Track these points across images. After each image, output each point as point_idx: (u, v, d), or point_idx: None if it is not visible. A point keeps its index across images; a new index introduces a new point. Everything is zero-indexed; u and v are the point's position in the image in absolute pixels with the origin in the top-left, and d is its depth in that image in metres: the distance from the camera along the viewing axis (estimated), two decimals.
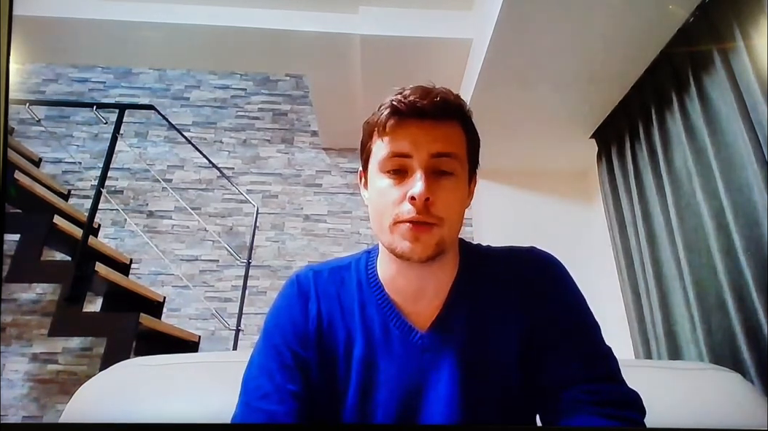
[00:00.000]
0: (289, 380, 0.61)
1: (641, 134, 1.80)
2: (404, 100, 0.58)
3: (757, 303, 1.23)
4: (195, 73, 3.13)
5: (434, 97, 0.58)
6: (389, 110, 0.59)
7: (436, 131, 0.59)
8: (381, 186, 0.60)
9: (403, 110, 0.58)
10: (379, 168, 0.60)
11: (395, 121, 0.59)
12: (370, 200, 0.63)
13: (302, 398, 0.61)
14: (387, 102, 0.60)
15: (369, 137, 0.63)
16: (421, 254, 0.57)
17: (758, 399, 0.94)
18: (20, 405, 2.23)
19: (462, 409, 0.59)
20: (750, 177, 1.26)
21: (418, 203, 0.56)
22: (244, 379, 0.65)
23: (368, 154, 0.63)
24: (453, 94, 0.61)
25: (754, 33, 1.29)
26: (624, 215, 1.94)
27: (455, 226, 0.60)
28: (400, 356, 0.62)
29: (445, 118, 0.59)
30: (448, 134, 0.60)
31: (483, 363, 0.61)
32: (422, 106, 0.58)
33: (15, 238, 1.97)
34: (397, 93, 0.60)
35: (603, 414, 0.55)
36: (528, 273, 0.65)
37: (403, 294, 0.64)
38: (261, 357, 0.65)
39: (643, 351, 1.74)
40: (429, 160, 0.58)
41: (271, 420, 0.59)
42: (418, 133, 0.58)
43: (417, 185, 0.56)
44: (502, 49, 1.75)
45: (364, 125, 0.63)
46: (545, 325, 0.62)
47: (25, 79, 2.99)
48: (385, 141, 0.60)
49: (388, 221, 0.58)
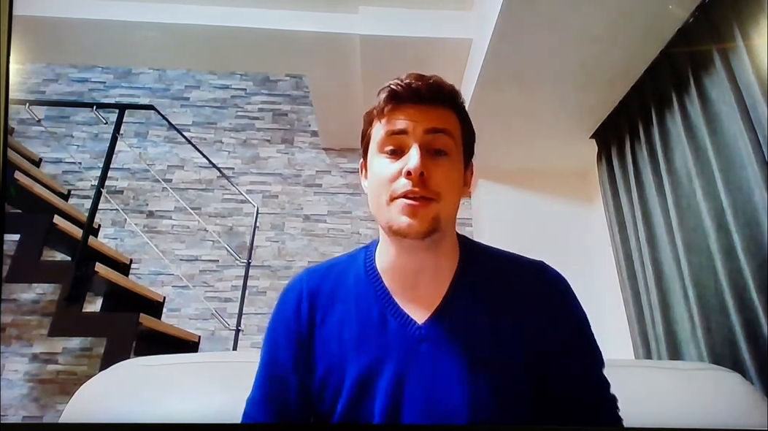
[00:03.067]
0: (278, 390, 0.65)
1: (641, 134, 1.80)
2: (401, 83, 0.62)
3: (757, 303, 1.23)
4: (195, 73, 3.14)
5: (428, 81, 0.62)
6: (387, 93, 0.62)
7: (430, 111, 0.62)
8: (379, 165, 0.62)
9: (400, 91, 0.61)
10: (377, 149, 0.63)
11: (393, 104, 0.62)
12: (369, 182, 0.65)
13: (291, 404, 0.65)
14: (385, 87, 0.63)
15: (369, 125, 0.66)
16: (419, 228, 0.58)
17: (758, 399, 0.94)
18: (20, 405, 2.23)
19: (458, 399, 0.59)
20: (750, 177, 1.26)
21: (414, 176, 0.58)
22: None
23: (368, 140, 0.66)
24: (447, 83, 0.64)
25: (754, 33, 1.29)
26: (624, 215, 1.94)
27: (451, 205, 0.62)
28: (397, 346, 0.62)
29: (439, 102, 0.63)
30: (442, 115, 0.62)
31: (481, 356, 0.61)
32: (417, 87, 0.61)
33: (15, 238, 1.97)
34: (394, 79, 0.63)
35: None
36: (539, 284, 0.66)
37: (402, 281, 0.65)
38: (260, 363, 0.69)
39: (643, 351, 1.74)
40: (424, 136, 0.60)
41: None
42: (413, 113, 0.61)
43: (412, 159, 0.58)
44: (502, 49, 1.75)
45: (365, 115, 0.66)
46: (552, 340, 0.63)
47: (25, 79, 2.99)
48: (382, 123, 0.63)
49: (385, 197, 0.60)
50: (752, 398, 0.93)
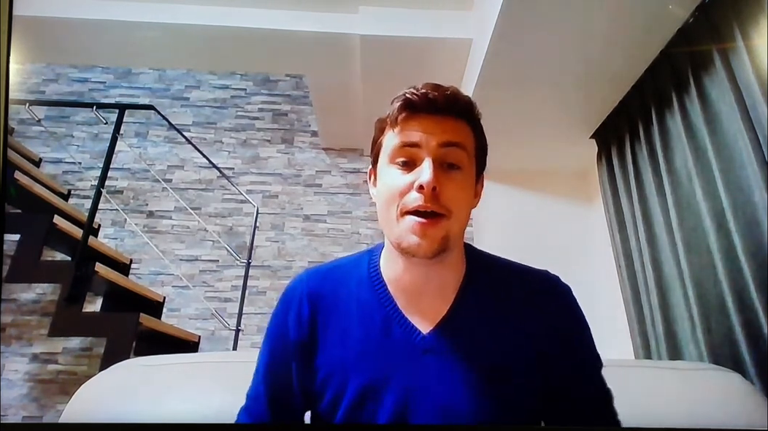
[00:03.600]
0: (274, 388, 0.66)
1: (641, 134, 1.80)
2: (416, 92, 0.60)
3: (757, 303, 1.23)
4: (195, 73, 3.13)
5: (445, 91, 0.60)
6: (401, 102, 0.60)
7: (445, 123, 0.60)
8: (390, 176, 0.60)
9: (416, 101, 0.60)
10: (388, 160, 0.61)
11: (407, 113, 0.60)
12: (378, 192, 0.63)
13: (288, 405, 0.65)
14: (400, 95, 0.61)
15: (381, 133, 0.64)
16: (428, 249, 0.57)
17: (758, 399, 0.94)
18: (20, 405, 2.23)
19: (463, 410, 0.59)
20: (750, 177, 1.26)
21: (426, 191, 0.56)
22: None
23: (378, 148, 0.64)
24: (463, 94, 0.62)
25: (754, 33, 1.29)
26: (624, 215, 1.94)
27: (461, 222, 0.60)
28: (401, 355, 0.61)
29: (454, 114, 0.61)
30: (456, 128, 0.61)
31: (485, 368, 0.61)
32: (434, 98, 0.60)
33: (15, 238, 1.97)
34: (409, 87, 0.61)
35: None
36: (542, 293, 0.66)
37: (407, 293, 0.64)
38: (258, 363, 0.69)
39: (643, 351, 1.74)
40: (437, 149, 0.59)
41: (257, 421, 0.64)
42: (428, 124, 0.60)
43: (425, 173, 0.57)
44: (502, 49, 1.75)
45: (376, 122, 0.65)
46: (553, 343, 0.63)
47: (25, 79, 2.99)
48: (395, 132, 0.61)
49: (395, 211, 0.59)
50: (752, 398, 0.93)
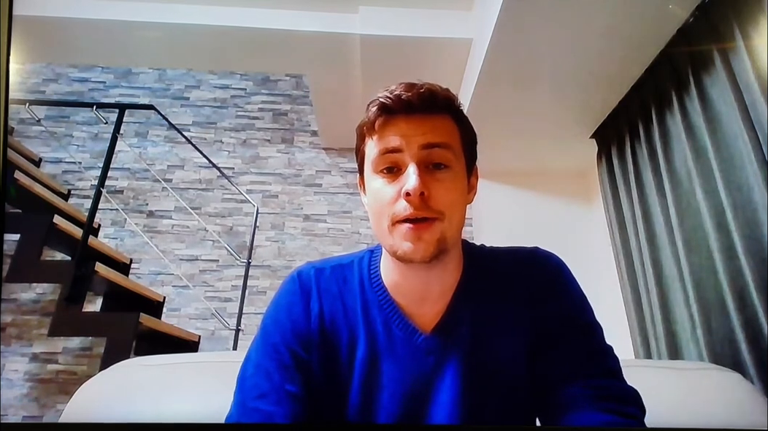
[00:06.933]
0: (287, 380, 0.60)
1: (641, 134, 1.80)
2: (390, 95, 0.57)
3: (757, 303, 1.23)
4: (195, 73, 3.13)
5: (420, 90, 0.57)
6: (376, 107, 0.58)
7: (425, 123, 0.57)
8: (376, 187, 0.58)
9: (390, 105, 0.57)
10: (372, 169, 0.59)
11: (384, 118, 0.58)
12: (368, 203, 0.61)
13: (301, 399, 0.60)
14: (374, 100, 0.59)
15: (362, 140, 0.62)
16: (424, 253, 0.55)
17: (758, 399, 0.94)
18: (20, 405, 2.23)
19: (465, 413, 0.59)
20: (750, 177, 1.26)
21: (413, 198, 0.54)
22: (239, 377, 0.63)
23: (362, 157, 0.62)
24: (440, 88, 0.59)
25: (754, 33, 1.29)
26: (624, 215, 1.94)
27: (456, 221, 0.58)
28: (404, 358, 0.61)
29: (433, 111, 0.58)
30: (437, 126, 0.58)
31: (488, 365, 0.61)
32: (408, 99, 0.57)
33: (15, 238, 1.97)
34: (383, 91, 0.59)
35: (603, 409, 0.55)
36: (532, 272, 0.64)
37: (407, 297, 0.63)
38: (259, 356, 0.63)
39: (643, 351, 1.74)
40: (420, 151, 0.56)
41: (268, 421, 0.58)
42: (407, 127, 0.57)
43: (410, 180, 0.54)
44: (502, 49, 1.75)
45: (357, 129, 0.62)
46: (548, 323, 0.61)
47: (25, 79, 2.99)
48: (375, 140, 0.58)
49: (386, 222, 0.57)
50: (752, 398, 0.93)
